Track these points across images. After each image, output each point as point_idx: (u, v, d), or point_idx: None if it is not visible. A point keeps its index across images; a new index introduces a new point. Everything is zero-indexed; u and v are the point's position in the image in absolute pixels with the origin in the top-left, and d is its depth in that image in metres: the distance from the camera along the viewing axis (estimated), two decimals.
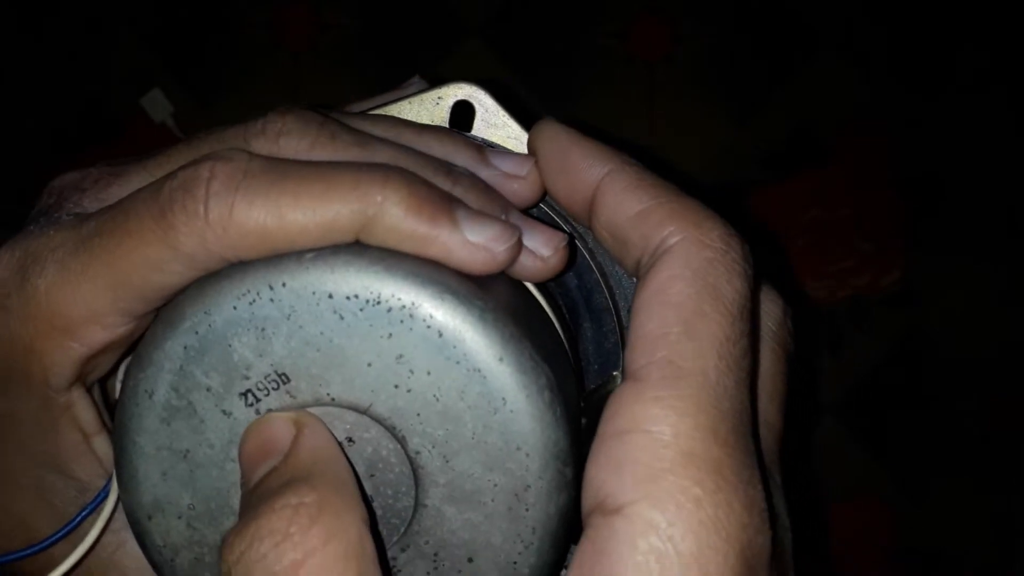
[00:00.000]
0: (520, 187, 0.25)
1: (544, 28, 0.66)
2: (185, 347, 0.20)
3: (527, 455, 0.21)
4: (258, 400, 0.21)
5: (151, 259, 0.21)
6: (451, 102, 0.27)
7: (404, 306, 0.20)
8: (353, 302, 0.20)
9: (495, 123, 0.26)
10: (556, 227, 0.27)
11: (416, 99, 0.27)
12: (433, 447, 0.21)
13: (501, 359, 0.20)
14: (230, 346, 0.20)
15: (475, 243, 0.21)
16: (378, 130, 0.24)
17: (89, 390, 0.24)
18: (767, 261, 0.22)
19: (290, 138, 0.23)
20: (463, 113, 0.27)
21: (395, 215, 0.20)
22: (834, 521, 0.65)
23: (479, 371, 0.20)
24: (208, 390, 0.20)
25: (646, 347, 0.20)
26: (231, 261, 0.21)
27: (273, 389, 0.20)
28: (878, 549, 0.66)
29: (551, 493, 0.21)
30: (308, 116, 0.23)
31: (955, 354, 0.66)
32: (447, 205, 0.21)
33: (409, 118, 0.27)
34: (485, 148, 0.25)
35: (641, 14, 0.67)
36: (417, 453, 0.21)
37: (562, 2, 0.67)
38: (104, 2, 0.66)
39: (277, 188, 0.20)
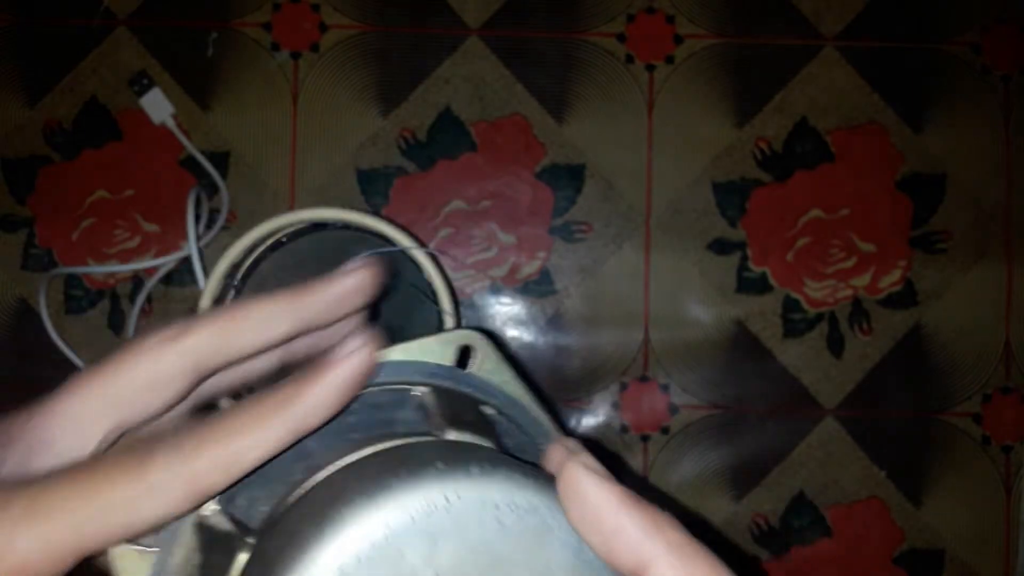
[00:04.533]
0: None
1: (544, 28, 0.66)
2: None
3: None
4: None
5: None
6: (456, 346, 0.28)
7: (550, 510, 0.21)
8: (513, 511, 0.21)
9: (492, 369, 0.28)
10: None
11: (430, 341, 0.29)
12: None
13: None
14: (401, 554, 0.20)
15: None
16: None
17: None
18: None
19: None
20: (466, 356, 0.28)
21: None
22: (834, 522, 0.65)
23: None
24: None
25: None
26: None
27: None
28: (878, 549, 0.66)
29: None
30: None
31: (955, 354, 0.66)
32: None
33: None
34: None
35: (641, 14, 0.67)
36: None
37: (562, 2, 0.67)
38: (104, 1, 0.66)
39: None
